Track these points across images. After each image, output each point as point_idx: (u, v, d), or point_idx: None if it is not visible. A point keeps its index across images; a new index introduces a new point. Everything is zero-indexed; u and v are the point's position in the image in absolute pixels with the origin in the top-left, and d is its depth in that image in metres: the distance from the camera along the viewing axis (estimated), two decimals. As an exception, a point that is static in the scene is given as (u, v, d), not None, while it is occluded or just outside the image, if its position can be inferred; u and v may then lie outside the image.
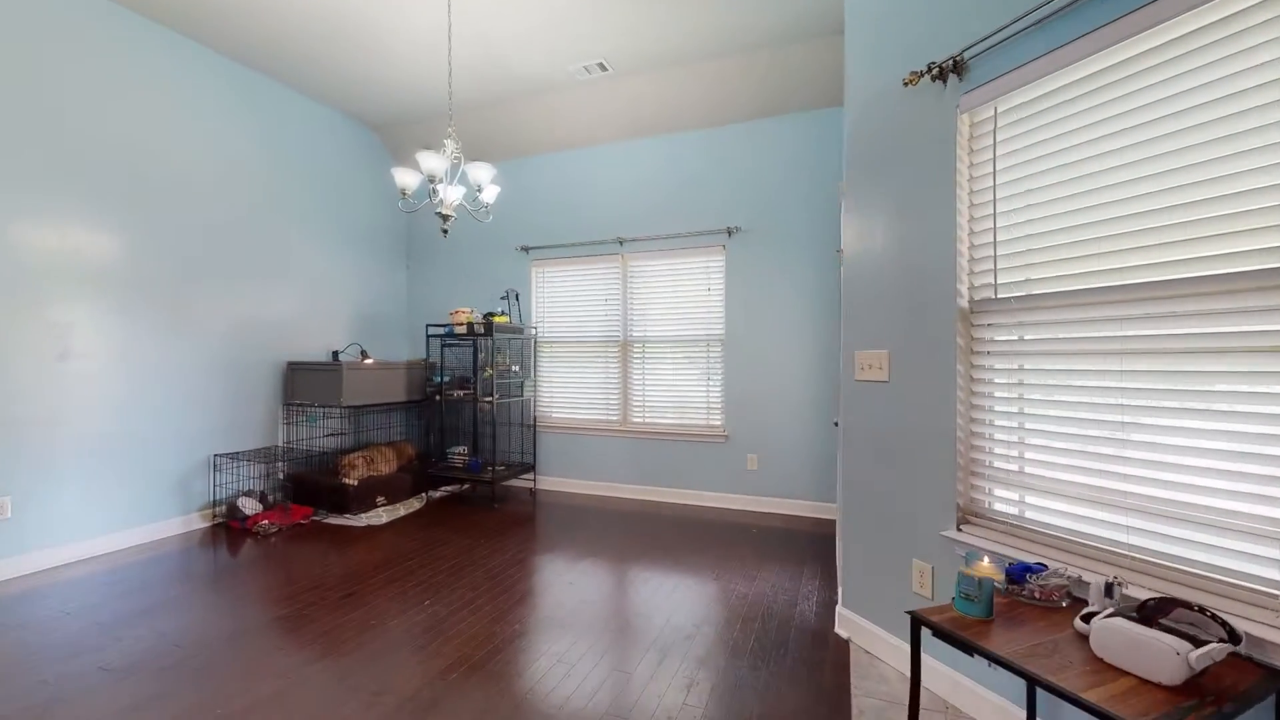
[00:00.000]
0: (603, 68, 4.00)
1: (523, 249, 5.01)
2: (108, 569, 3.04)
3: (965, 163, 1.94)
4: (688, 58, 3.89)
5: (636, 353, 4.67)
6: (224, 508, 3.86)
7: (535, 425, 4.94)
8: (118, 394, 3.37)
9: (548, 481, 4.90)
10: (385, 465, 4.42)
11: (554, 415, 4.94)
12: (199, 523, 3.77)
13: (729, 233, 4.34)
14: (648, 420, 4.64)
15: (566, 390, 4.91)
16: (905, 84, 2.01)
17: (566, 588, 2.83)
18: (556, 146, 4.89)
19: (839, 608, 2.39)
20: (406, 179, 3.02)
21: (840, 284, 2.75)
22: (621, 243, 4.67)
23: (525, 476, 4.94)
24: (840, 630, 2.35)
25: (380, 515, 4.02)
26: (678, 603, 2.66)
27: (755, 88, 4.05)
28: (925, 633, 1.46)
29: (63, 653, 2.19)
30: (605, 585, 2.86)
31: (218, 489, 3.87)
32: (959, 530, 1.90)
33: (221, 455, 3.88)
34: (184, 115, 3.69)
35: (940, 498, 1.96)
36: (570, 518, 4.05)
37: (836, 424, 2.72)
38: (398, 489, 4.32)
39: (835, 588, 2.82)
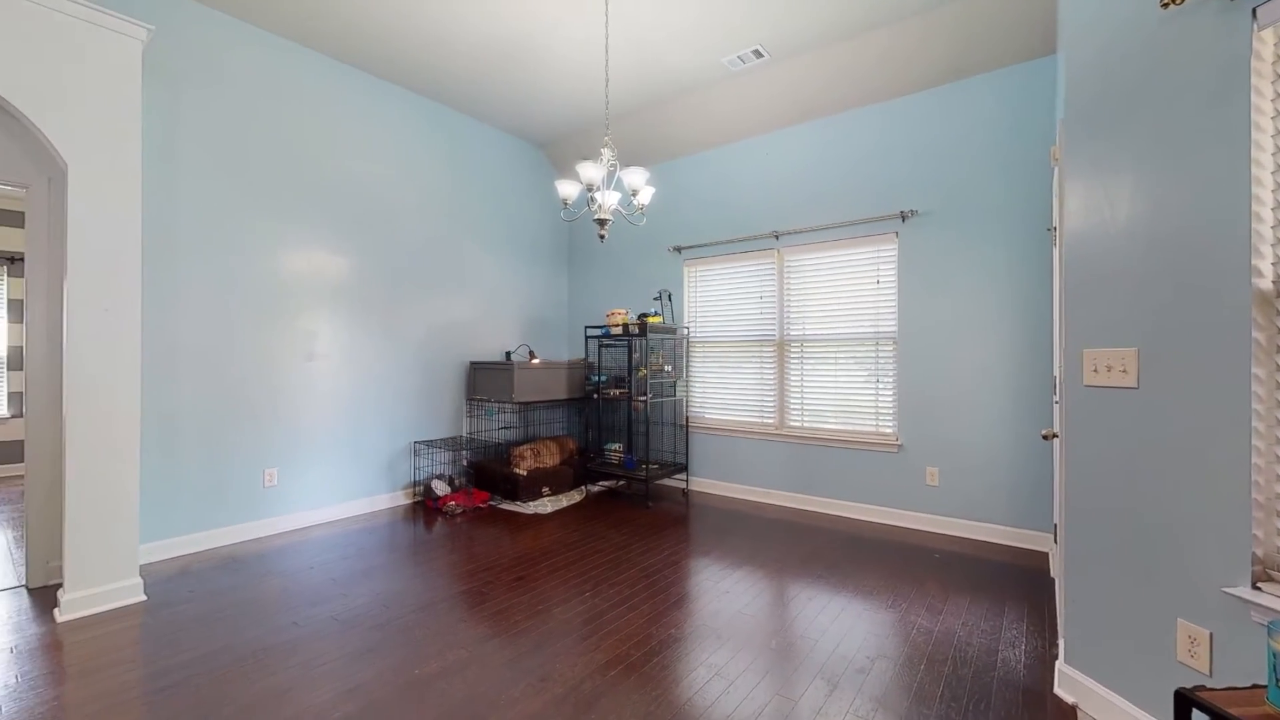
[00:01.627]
0: (758, 54, 3.83)
1: (674, 249, 5.02)
2: (339, 532, 3.66)
3: (1268, 94, 1.44)
4: (855, 29, 3.54)
5: (794, 352, 4.40)
6: (421, 488, 4.44)
7: (687, 426, 4.92)
8: (346, 389, 4.05)
9: (700, 483, 4.85)
10: (550, 458, 4.73)
11: (706, 416, 4.87)
12: (403, 499, 4.39)
13: (902, 217, 3.87)
14: (806, 425, 4.34)
15: (719, 391, 4.81)
16: (1164, 4, 1.56)
17: (722, 596, 2.73)
18: (708, 144, 4.82)
19: (1059, 664, 1.95)
20: (567, 189, 3.17)
21: (1053, 267, 2.26)
22: (778, 236, 4.44)
23: (678, 476, 4.95)
24: (1062, 692, 1.91)
25: (545, 505, 4.30)
26: (846, 628, 2.41)
27: (938, 49, 3.55)
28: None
29: (307, 600, 2.66)
30: (764, 598, 2.71)
31: (417, 471, 4.47)
32: (1256, 589, 1.42)
33: (420, 442, 4.47)
34: (390, 150, 4.32)
35: (1224, 543, 1.48)
36: (724, 522, 3.94)
37: (1048, 437, 2.24)
38: (561, 481, 4.60)
39: (1051, 637, 2.33)
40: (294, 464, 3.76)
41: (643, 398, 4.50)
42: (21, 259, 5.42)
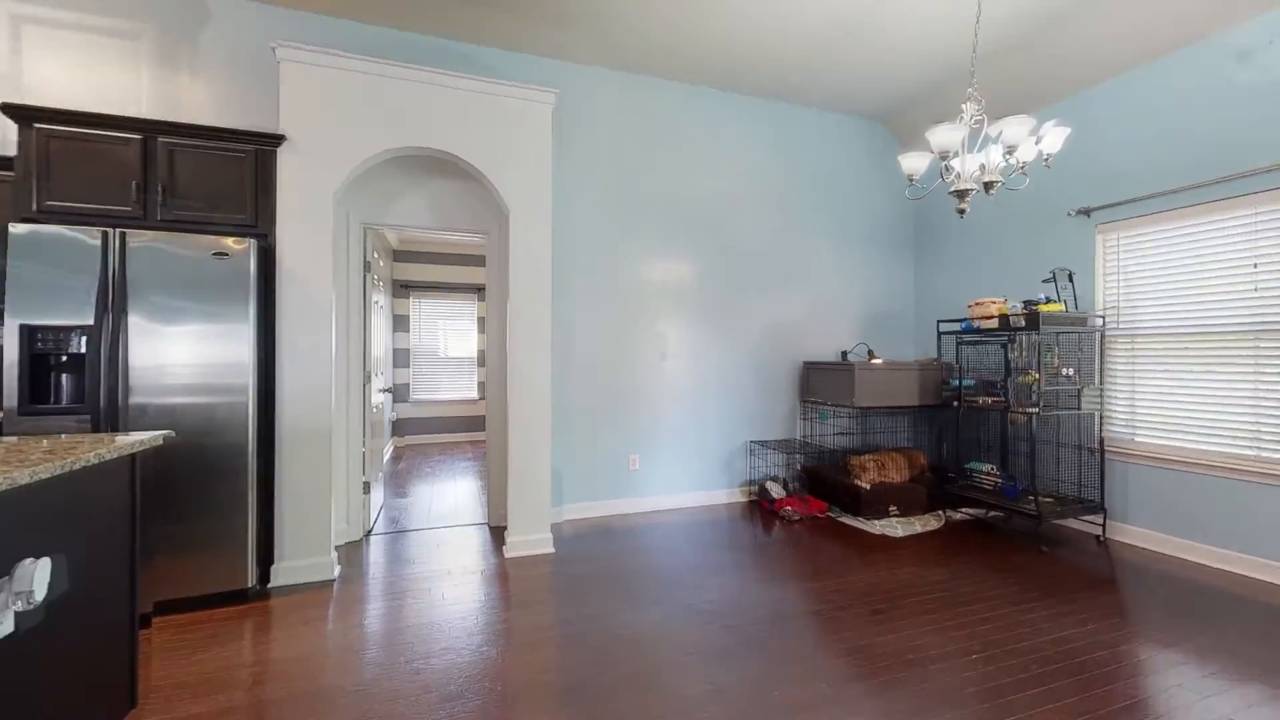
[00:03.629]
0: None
1: (1079, 212, 3.75)
2: (687, 521, 3.91)
3: None
4: None
5: (1334, 349, 2.73)
6: (756, 488, 4.44)
7: (1103, 450, 3.61)
8: (690, 386, 4.33)
9: (1129, 532, 3.49)
10: (896, 472, 4.12)
11: (1140, 440, 3.48)
12: (738, 497, 4.46)
13: None
14: (1367, 467, 2.63)
15: (1163, 404, 3.37)
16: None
17: (1219, 722, 1.78)
18: (1132, 60, 3.43)
19: None
20: (914, 163, 2.63)
21: None
22: (1294, 167, 2.83)
23: (1088, 519, 3.68)
24: None
25: (895, 526, 3.74)
26: None
27: None
28: None
29: (666, 581, 2.84)
30: (1317, 751, 1.65)
31: (752, 470, 4.49)
32: None
33: (755, 442, 4.47)
34: (727, 157, 4.43)
35: None
36: (1183, 597, 2.69)
37: None
38: (911, 501, 3.95)
39: None
40: (651, 452, 4.20)
41: (1028, 409, 3.48)
42: (483, 288, 7.67)
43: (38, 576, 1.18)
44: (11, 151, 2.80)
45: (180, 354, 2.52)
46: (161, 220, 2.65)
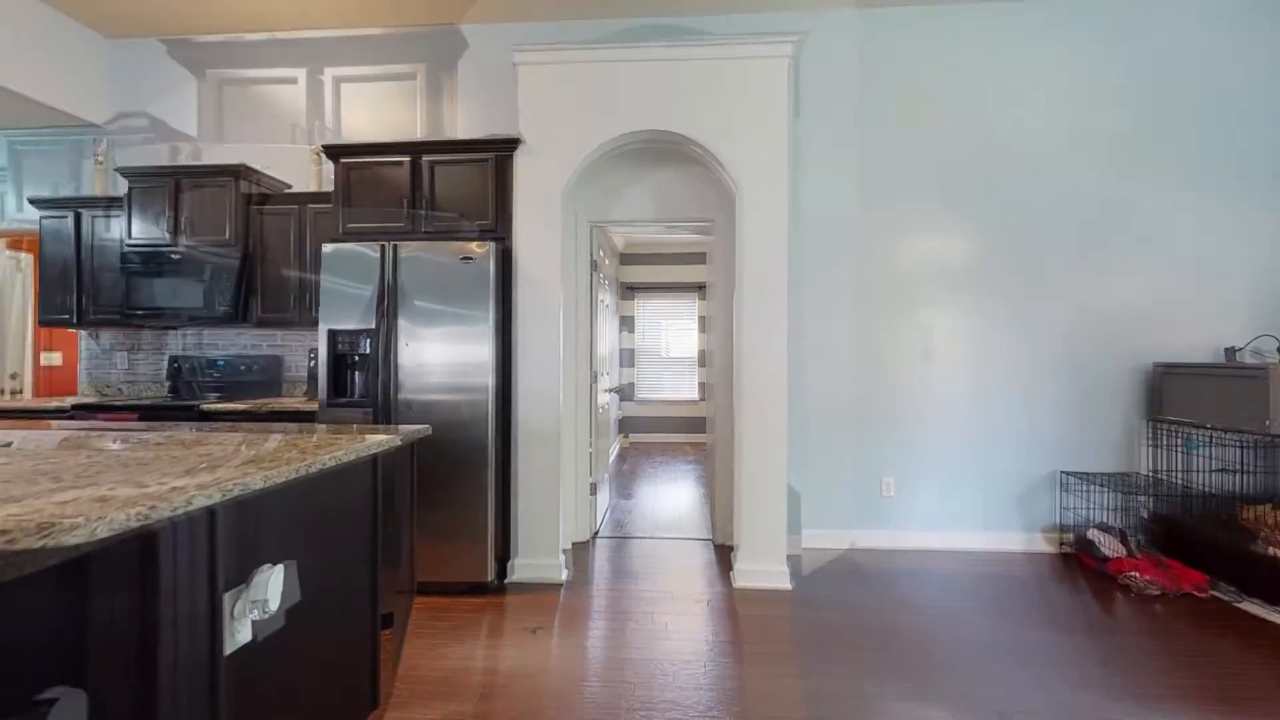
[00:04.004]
0: None
1: None
2: (964, 570, 2.98)
3: None
4: None
5: None
6: (1072, 537, 3.22)
7: None
8: (964, 394, 3.34)
9: None
10: (1359, 544, 2.54)
11: None
12: (1042, 545, 3.29)
13: None
14: None
15: None
16: None
17: None
18: None
19: None
20: None
21: None
22: None
23: None
24: None
25: (1369, 637, 2.26)
26: None
27: None
28: None
29: (943, 656, 2.08)
30: None
31: (1063, 513, 3.28)
32: None
33: (1068, 474, 3.25)
34: (1027, 87, 3.30)
35: None
36: None
37: None
38: (1400, 596, 2.37)
39: None
40: (911, 476, 3.35)
41: None
42: (704, 286, 7.47)
43: (271, 584, 1.14)
44: (329, 188, 3.40)
45: (435, 353, 2.69)
46: (424, 231, 2.89)
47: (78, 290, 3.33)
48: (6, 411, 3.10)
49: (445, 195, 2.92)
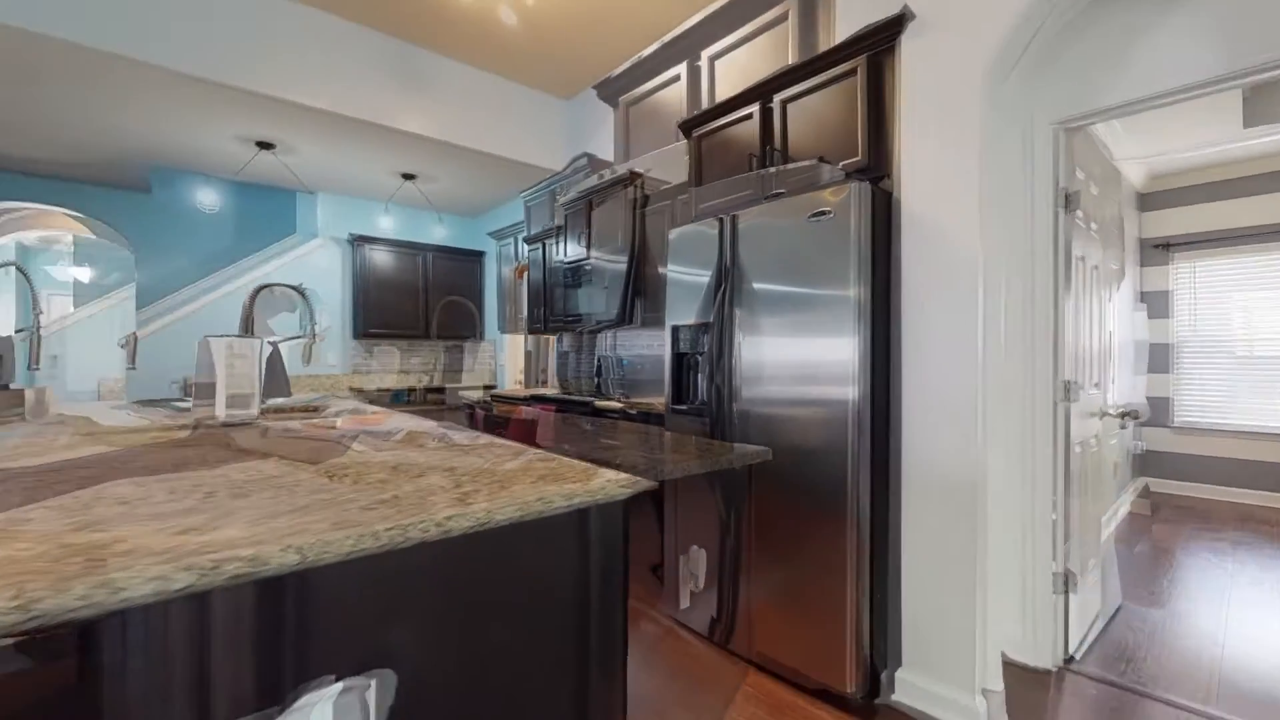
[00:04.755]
0: None
1: None
2: None
3: None
4: None
5: None
6: None
7: None
8: None
9: None
10: None
11: None
12: None
13: None
14: None
15: None
16: None
17: None
18: None
19: None
20: None
21: None
22: None
23: None
24: None
25: None
26: None
27: None
28: None
29: None
30: None
31: None
32: None
33: None
34: None
35: None
36: None
37: None
38: None
39: None
40: None
41: None
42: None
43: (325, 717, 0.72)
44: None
45: (774, 350, 1.99)
46: (773, 192, 2.23)
47: (543, 303, 4.21)
48: (538, 398, 4.17)
49: (800, 138, 2.17)
